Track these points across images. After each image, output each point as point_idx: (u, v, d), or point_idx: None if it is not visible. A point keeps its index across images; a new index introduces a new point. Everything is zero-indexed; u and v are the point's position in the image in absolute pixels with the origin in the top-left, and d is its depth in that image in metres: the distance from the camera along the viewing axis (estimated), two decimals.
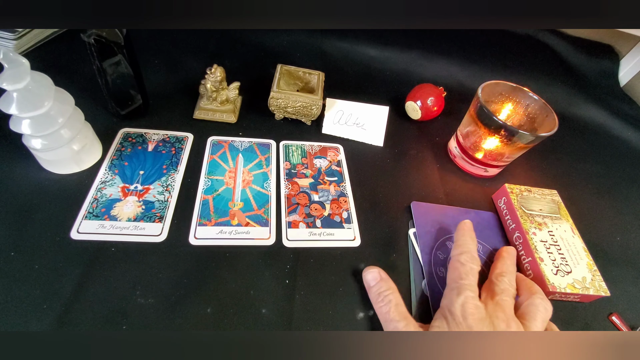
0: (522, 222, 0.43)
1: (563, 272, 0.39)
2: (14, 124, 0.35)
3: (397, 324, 0.32)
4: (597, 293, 0.38)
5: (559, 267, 0.40)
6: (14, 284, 0.32)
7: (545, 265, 0.39)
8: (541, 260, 0.40)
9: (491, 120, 0.45)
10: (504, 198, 0.47)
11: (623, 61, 0.79)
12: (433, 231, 0.43)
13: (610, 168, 0.60)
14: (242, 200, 0.42)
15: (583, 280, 0.39)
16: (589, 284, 0.39)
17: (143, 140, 0.46)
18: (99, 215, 0.37)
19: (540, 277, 0.39)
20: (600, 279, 0.39)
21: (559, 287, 0.38)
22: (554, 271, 0.39)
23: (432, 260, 0.40)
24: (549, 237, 0.42)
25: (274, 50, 0.67)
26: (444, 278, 0.37)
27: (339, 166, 0.49)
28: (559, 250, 0.41)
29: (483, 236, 0.43)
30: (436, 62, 0.72)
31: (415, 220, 0.43)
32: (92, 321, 0.31)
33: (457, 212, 0.46)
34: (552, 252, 0.41)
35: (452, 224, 0.43)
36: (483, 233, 0.44)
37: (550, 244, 0.42)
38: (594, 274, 0.40)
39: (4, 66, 0.32)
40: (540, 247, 0.41)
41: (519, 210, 0.44)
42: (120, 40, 0.40)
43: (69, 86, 0.39)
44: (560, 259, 0.40)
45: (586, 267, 0.40)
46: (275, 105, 0.50)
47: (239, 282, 0.35)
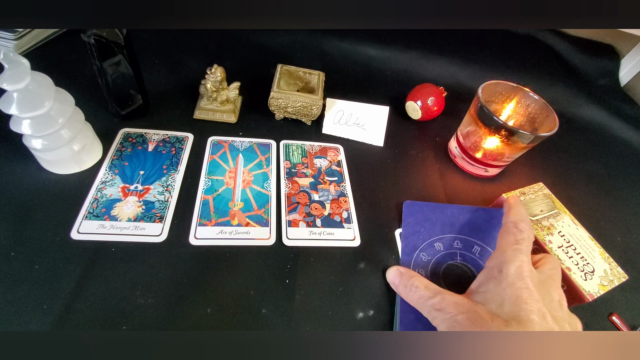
0: (535, 233, 0.41)
1: (589, 274, 0.39)
2: (14, 124, 0.35)
3: (432, 301, 0.31)
4: (620, 281, 0.38)
5: (584, 269, 0.39)
6: (14, 284, 0.32)
7: (574, 274, 0.38)
8: (569, 270, 0.38)
9: (491, 120, 0.45)
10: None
11: (623, 61, 0.79)
12: (422, 231, 0.41)
13: (611, 168, 0.60)
14: (243, 201, 0.42)
15: (606, 274, 0.39)
16: (612, 275, 0.38)
17: (143, 141, 0.46)
18: (99, 216, 0.37)
19: (576, 289, 0.37)
20: (615, 265, 0.39)
21: (596, 293, 0.37)
22: (583, 277, 0.38)
23: (412, 262, 0.39)
24: (562, 239, 0.41)
25: (274, 50, 0.67)
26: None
27: (339, 166, 0.49)
28: (575, 250, 0.40)
29: (492, 237, 0.41)
30: (436, 62, 0.72)
31: (403, 219, 0.42)
32: (92, 321, 0.31)
33: (460, 211, 0.43)
34: (572, 255, 0.40)
35: (450, 224, 0.42)
36: (491, 234, 0.41)
37: (567, 247, 0.41)
38: (610, 262, 0.39)
39: (4, 66, 0.32)
40: (562, 255, 0.40)
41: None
42: (120, 40, 0.40)
43: (69, 86, 0.39)
44: (580, 260, 0.40)
45: (601, 257, 0.40)
46: (276, 105, 0.50)
47: (239, 282, 0.35)
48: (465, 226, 0.42)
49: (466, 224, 0.42)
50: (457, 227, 0.42)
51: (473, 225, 0.42)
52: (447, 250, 0.40)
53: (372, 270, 0.39)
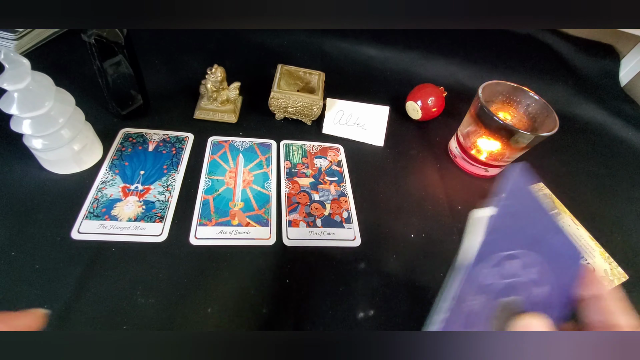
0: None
1: None
2: (14, 124, 0.35)
3: None
4: (620, 282, 0.38)
5: None
6: (14, 283, 0.32)
7: None
8: None
9: (492, 120, 0.45)
10: None
11: (624, 61, 0.79)
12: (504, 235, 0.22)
13: (611, 168, 0.60)
14: (243, 200, 0.42)
15: (606, 274, 0.39)
16: (612, 275, 0.39)
17: (143, 140, 0.46)
18: (99, 215, 0.37)
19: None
20: (615, 265, 0.39)
21: None
22: None
23: (467, 279, 0.21)
24: None
25: (274, 50, 0.67)
26: (469, 314, 0.21)
27: (339, 166, 0.49)
28: None
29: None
30: (436, 62, 0.72)
31: (499, 202, 0.22)
32: (92, 321, 0.31)
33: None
34: None
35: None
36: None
37: None
38: (610, 262, 0.39)
39: (5, 66, 0.32)
40: None
41: None
42: (120, 40, 0.40)
43: (69, 86, 0.39)
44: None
45: (601, 257, 0.40)
46: (276, 105, 0.50)
47: (239, 282, 0.35)
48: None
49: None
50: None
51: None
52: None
53: (372, 270, 0.39)
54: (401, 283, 0.39)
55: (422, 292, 0.38)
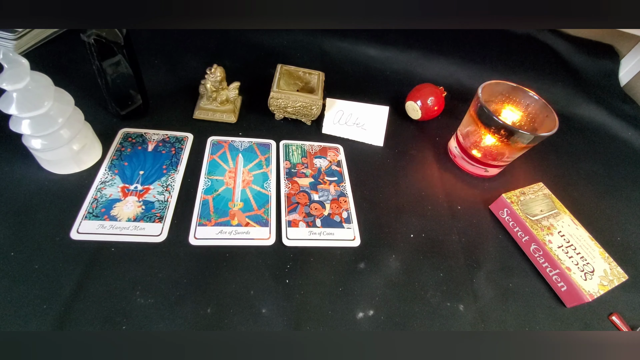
0: (535, 232, 0.42)
1: (589, 273, 0.39)
2: (13, 124, 0.35)
3: None
4: (620, 281, 0.38)
5: (584, 269, 0.39)
6: (14, 284, 0.32)
7: (574, 274, 0.39)
8: (569, 270, 0.39)
9: (491, 120, 0.45)
10: (507, 209, 0.45)
11: (623, 61, 0.79)
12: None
13: (611, 168, 0.60)
14: (242, 201, 0.42)
15: (605, 274, 0.39)
16: (611, 275, 0.39)
17: (143, 141, 0.46)
18: (98, 216, 0.37)
19: (576, 289, 0.38)
20: (615, 265, 0.39)
21: (595, 293, 0.37)
22: (582, 277, 0.39)
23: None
24: (562, 240, 0.42)
25: (274, 50, 0.67)
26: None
27: (339, 166, 0.49)
28: (575, 250, 0.41)
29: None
30: (436, 62, 0.72)
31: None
32: (92, 321, 0.31)
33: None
34: (572, 255, 0.40)
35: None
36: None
37: (567, 247, 0.41)
38: (610, 262, 0.40)
39: (4, 66, 0.32)
40: (562, 255, 0.40)
41: (527, 220, 0.43)
42: (120, 40, 0.40)
43: (68, 86, 0.39)
44: (580, 260, 0.40)
45: (601, 257, 0.40)
46: (275, 105, 0.50)
47: (239, 282, 0.35)
48: None
49: None
50: None
51: None
52: None
53: (372, 270, 0.39)
54: (401, 283, 0.39)
55: (422, 292, 0.38)
